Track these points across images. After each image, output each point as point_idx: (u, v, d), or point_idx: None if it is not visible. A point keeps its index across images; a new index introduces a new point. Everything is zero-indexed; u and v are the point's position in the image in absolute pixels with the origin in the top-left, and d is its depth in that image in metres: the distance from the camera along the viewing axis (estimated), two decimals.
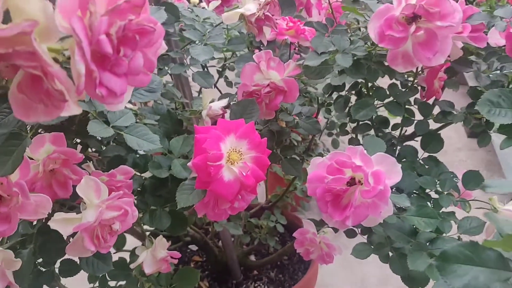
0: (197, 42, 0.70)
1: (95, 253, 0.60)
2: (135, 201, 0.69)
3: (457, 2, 0.67)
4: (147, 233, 0.75)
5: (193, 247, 1.31)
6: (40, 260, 0.69)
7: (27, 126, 0.59)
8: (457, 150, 2.32)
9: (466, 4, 0.72)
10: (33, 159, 0.54)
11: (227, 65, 1.08)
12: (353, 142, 0.92)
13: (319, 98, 0.95)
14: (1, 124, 0.53)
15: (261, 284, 1.21)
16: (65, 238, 0.59)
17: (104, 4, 0.33)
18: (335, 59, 0.64)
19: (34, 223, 0.65)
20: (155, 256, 0.68)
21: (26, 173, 0.50)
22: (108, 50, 0.32)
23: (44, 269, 0.71)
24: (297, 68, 0.70)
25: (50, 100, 0.33)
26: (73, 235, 0.58)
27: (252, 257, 1.28)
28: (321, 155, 1.16)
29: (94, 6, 0.31)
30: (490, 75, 0.74)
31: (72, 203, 0.59)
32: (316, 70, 0.66)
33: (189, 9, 0.79)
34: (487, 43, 0.74)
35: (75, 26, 0.30)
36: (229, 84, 1.14)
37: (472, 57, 0.77)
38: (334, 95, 0.94)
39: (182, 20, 0.73)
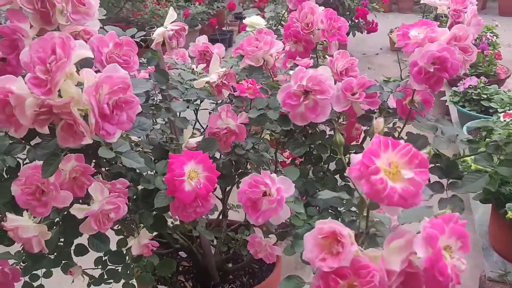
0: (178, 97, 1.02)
1: (98, 236, 0.91)
2: (131, 205, 1.01)
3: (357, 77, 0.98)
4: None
5: (183, 254, 1.60)
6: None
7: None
8: None
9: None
10: (63, 169, 0.85)
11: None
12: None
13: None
14: (45, 147, 0.85)
15: (234, 286, 1.49)
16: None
17: (108, 87, 0.64)
18: (268, 114, 0.95)
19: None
20: (140, 242, 0.98)
21: (58, 178, 0.82)
22: (107, 112, 0.63)
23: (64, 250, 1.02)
24: (247, 118, 1.02)
25: (77, 136, 0.64)
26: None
27: (230, 265, 1.57)
28: None
29: (102, 90, 0.63)
30: (385, 128, 1.03)
31: (85, 200, 0.90)
32: (257, 120, 0.98)
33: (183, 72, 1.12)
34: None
35: (91, 101, 0.61)
36: None
37: (376, 114, 1.07)
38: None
39: (171, 81, 1.05)
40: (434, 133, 0.93)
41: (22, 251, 1.10)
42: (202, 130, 1.33)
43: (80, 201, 0.89)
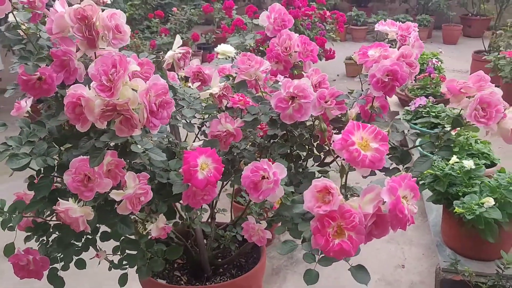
0: (185, 107, 1.25)
1: (125, 222, 1.12)
2: None
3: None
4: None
5: None
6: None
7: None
8: None
9: None
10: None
11: (205, 123, 1.62)
12: None
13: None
14: (83, 146, 1.06)
15: (224, 278, 1.69)
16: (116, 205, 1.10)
17: (154, 91, 0.87)
18: (260, 118, 1.19)
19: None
20: (158, 226, 1.19)
21: (101, 168, 1.02)
22: (155, 109, 0.85)
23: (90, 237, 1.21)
24: (242, 122, 1.25)
25: (132, 127, 0.86)
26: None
27: (220, 260, 1.77)
28: None
29: (151, 92, 0.85)
30: None
31: (117, 189, 1.10)
32: (250, 123, 1.21)
33: (181, 88, 1.35)
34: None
35: (144, 101, 0.84)
36: (206, 135, 1.68)
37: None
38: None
39: (178, 94, 1.28)
40: (391, 129, 1.19)
41: (44, 244, 1.28)
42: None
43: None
